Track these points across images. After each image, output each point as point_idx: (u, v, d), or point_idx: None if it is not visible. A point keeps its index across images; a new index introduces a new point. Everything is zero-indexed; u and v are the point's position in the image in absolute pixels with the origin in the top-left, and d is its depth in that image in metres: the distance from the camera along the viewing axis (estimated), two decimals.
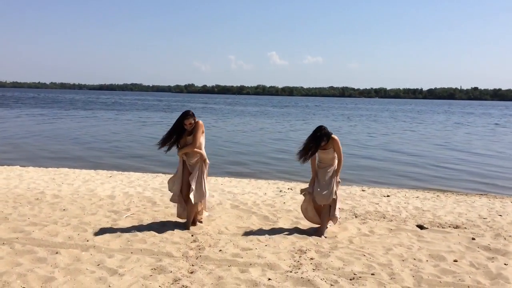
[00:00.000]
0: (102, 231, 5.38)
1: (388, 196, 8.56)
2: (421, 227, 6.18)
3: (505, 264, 4.66)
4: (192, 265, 4.40)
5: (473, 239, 5.60)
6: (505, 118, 49.41)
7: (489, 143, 21.77)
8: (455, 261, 4.73)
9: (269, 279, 4.09)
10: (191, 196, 5.58)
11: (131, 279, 3.98)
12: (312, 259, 4.66)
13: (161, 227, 5.70)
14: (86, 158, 13.95)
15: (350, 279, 4.15)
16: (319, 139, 5.63)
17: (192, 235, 5.39)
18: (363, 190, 9.16)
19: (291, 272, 4.27)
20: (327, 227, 5.77)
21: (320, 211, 5.83)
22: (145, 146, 17.25)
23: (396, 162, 14.88)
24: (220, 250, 4.83)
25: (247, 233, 5.55)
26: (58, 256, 4.48)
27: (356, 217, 6.70)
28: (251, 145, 18.65)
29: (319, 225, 5.83)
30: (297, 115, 47.47)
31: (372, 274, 4.26)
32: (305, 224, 6.12)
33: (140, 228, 5.63)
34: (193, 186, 5.61)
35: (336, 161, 5.80)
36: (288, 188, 9.00)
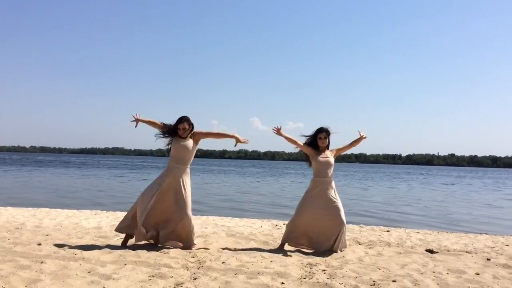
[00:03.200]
0: (91, 248, 4.91)
1: (388, 231, 8.22)
2: (431, 251, 5.84)
3: None
4: (194, 273, 3.96)
5: (488, 259, 5.29)
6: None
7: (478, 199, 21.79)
8: (477, 274, 4.40)
9: (282, 283, 3.69)
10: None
11: (128, 283, 3.54)
12: (324, 270, 4.27)
13: (155, 247, 5.24)
14: (66, 202, 13.32)
15: (371, 285, 3.77)
16: (318, 131, 5.59)
17: (190, 252, 4.95)
18: (361, 227, 8.80)
19: (304, 278, 3.87)
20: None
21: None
22: (129, 193, 16.68)
23: (388, 208, 14.63)
24: (223, 263, 4.40)
25: (249, 252, 5.13)
26: (44, 265, 3.99)
27: (360, 244, 6.34)
28: (237, 194, 18.23)
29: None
30: (276, 174, 47.31)
31: (394, 281, 3.89)
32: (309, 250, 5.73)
33: (132, 247, 5.16)
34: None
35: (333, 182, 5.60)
36: (284, 224, 8.59)
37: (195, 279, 3.75)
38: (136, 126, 5.49)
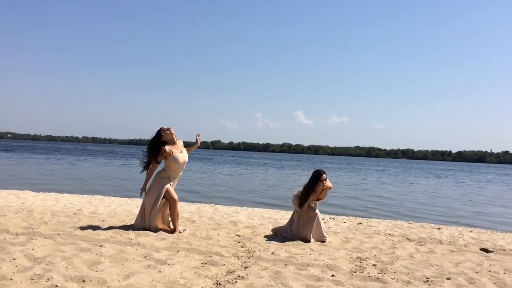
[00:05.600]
0: (144, 234, 5.10)
1: (439, 228, 7.99)
2: (486, 250, 5.63)
3: None
4: (245, 262, 4.04)
5: None
6: None
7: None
8: None
9: (333, 275, 3.69)
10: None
11: (182, 269, 3.66)
12: (374, 265, 4.23)
13: (205, 235, 5.38)
14: (117, 190, 13.89)
15: (424, 281, 3.70)
16: (319, 175, 5.64)
17: (239, 242, 5.04)
18: (410, 223, 8.61)
19: (355, 272, 3.85)
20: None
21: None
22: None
23: (437, 206, 14.20)
24: (273, 253, 4.46)
25: (297, 244, 5.16)
26: (103, 248, 4.20)
27: (410, 241, 6.20)
28: (280, 186, 18.27)
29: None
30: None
31: (448, 279, 3.80)
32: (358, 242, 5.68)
33: (184, 235, 5.33)
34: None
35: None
36: (330, 218, 8.55)
37: (246, 268, 3.82)
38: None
